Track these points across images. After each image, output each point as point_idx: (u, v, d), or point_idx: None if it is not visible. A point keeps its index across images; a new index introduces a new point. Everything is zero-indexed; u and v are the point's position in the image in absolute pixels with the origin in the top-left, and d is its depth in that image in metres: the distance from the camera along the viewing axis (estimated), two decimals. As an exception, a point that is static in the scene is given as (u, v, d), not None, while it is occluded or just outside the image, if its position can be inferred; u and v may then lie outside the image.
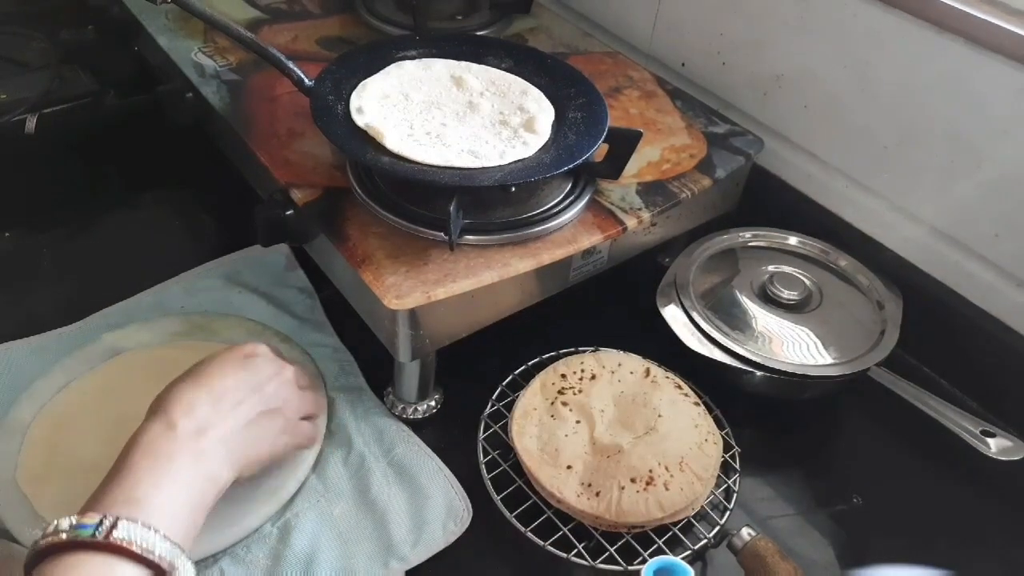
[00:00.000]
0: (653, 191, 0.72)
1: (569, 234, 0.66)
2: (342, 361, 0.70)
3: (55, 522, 0.43)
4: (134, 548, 0.42)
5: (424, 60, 0.75)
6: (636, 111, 0.82)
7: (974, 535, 0.63)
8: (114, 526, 0.42)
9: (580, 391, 0.64)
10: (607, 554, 0.57)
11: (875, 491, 0.64)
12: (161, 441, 0.49)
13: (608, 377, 0.65)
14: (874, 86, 0.73)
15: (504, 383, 0.67)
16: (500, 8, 0.96)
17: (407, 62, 0.74)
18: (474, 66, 0.75)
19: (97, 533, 0.42)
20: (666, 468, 0.59)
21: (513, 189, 0.62)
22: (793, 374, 0.66)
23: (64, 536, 0.42)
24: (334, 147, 0.68)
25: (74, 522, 0.43)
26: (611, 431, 0.61)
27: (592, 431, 0.61)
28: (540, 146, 0.67)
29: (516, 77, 0.74)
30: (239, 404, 0.53)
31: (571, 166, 0.63)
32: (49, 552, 0.42)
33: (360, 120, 0.66)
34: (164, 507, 0.46)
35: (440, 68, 0.74)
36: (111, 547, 0.42)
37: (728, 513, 0.60)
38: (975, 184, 0.69)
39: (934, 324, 0.72)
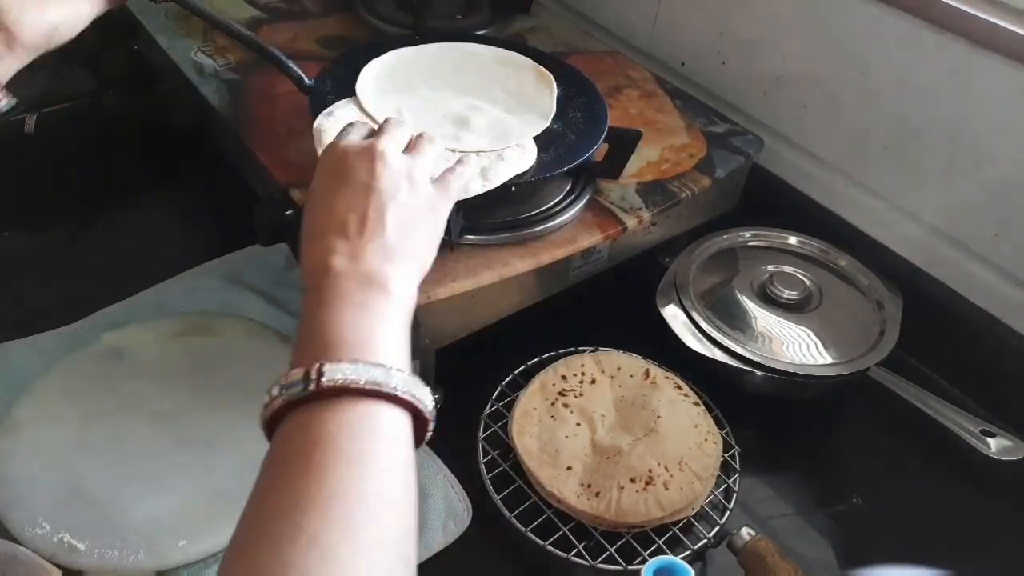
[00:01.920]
0: (653, 191, 0.72)
1: (569, 234, 0.66)
2: (342, 361, 0.70)
3: (267, 393, 0.39)
4: (362, 384, 0.38)
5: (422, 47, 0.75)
6: (636, 111, 0.82)
7: (974, 535, 0.63)
8: (320, 373, 0.38)
9: (581, 394, 0.64)
10: (607, 554, 0.57)
11: (875, 491, 0.64)
12: (325, 292, 0.43)
13: (608, 382, 0.65)
14: (874, 85, 0.73)
15: (504, 383, 0.67)
16: (500, 7, 0.96)
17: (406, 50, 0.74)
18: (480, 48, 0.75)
19: (308, 386, 0.38)
20: (666, 468, 0.59)
21: (513, 189, 0.62)
22: (793, 374, 0.66)
23: (277, 402, 0.38)
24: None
25: (282, 384, 0.39)
26: (611, 434, 0.61)
27: (593, 434, 0.61)
28: (541, 130, 0.66)
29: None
30: (365, 217, 0.46)
31: (571, 166, 0.63)
32: (273, 422, 0.39)
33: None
34: (366, 341, 0.41)
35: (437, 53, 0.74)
36: (328, 392, 0.38)
37: (728, 513, 0.60)
38: (975, 184, 0.69)
39: (934, 324, 0.72)
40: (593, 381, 0.65)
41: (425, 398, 0.41)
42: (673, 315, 0.70)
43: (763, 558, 0.54)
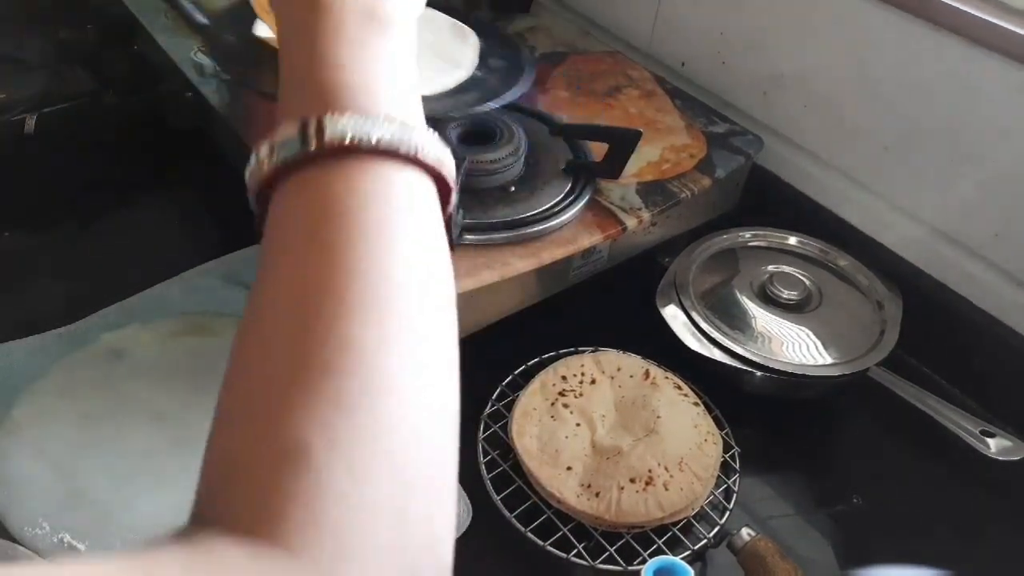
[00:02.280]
0: (653, 191, 0.72)
1: (569, 234, 0.66)
2: (342, 361, 0.70)
3: (253, 155, 0.32)
4: (375, 143, 0.30)
5: None
6: (636, 110, 0.82)
7: (974, 535, 0.63)
8: (321, 129, 0.30)
9: (581, 395, 0.64)
10: (607, 554, 0.57)
11: (875, 491, 0.64)
12: (314, 26, 0.34)
13: (608, 382, 0.65)
14: (874, 85, 0.73)
15: (504, 383, 0.67)
16: (500, 7, 0.96)
17: None
18: None
19: (307, 145, 0.30)
20: (666, 468, 0.59)
21: (513, 189, 0.62)
22: (793, 374, 0.66)
23: (267, 165, 0.31)
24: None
25: (273, 143, 0.31)
26: (611, 435, 0.61)
27: (593, 435, 0.61)
28: (465, 78, 0.65)
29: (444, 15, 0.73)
30: None
31: (497, 101, 0.63)
32: (263, 194, 0.31)
33: None
34: (371, 87, 0.32)
35: None
36: (332, 152, 0.30)
37: (728, 513, 0.60)
38: (975, 183, 0.69)
39: (934, 324, 0.72)
40: (593, 381, 0.65)
41: (447, 159, 0.33)
42: (673, 315, 0.70)
43: (763, 558, 0.54)
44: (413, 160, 0.31)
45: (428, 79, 0.62)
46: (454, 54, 0.67)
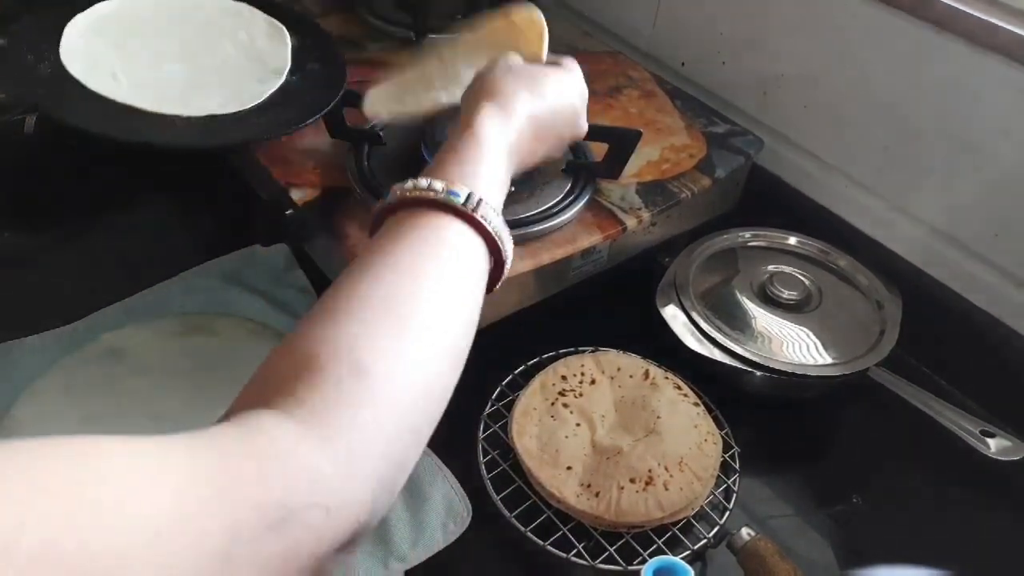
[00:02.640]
0: (653, 191, 0.72)
1: (569, 234, 0.66)
2: (342, 361, 0.70)
3: (422, 181, 0.45)
4: (489, 228, 0.45)
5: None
6: (636, 111, 0.82)
7: (974, 535, 0.63)
8: (479, 203, 0.44)
9: (581, 395, 0.64)
10: (607, 554, 0.57)
11: (875, 491, 0.64)
12: (479, 129, 0.50)
13: (608, 383, 0.65)
14: (874, 86, 0.73)
15: (504, 383, 0.67)
16: (500, 7, 0.96)
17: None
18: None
19: (468, 203, 0.44)
20: (666, 468, 0.59)
21: (512, 189, 0.62)
22: (792, 374, 0.66)
23: (434, 195, 0.44)
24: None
25: (445, 186, 0.44)
26: (611, 435, 0.61)
27: (593, 435, 0.61)
28: (277, 87, 0.64)
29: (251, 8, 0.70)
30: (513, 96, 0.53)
31: (312, 119, 0.63)
32: (411, 203, 0.45)
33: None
34: (491, 187, 0.47)
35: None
36: (473, 220, 0.44)
37: (728, 513, 0.60)
38: (975, 184, 0.69)
39: (934, 324, 0.72)
40: (593, 382, 0.65)
41: (505, 236, 0.46)
42: (673, 315, 0.70)
43: (763, 558, 0.54)
44: (477, 225, 0.45)
45: (238, 92, 0.60)
46: (267, 58, 0.65)
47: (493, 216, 0.45)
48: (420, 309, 0.40)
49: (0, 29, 0.61)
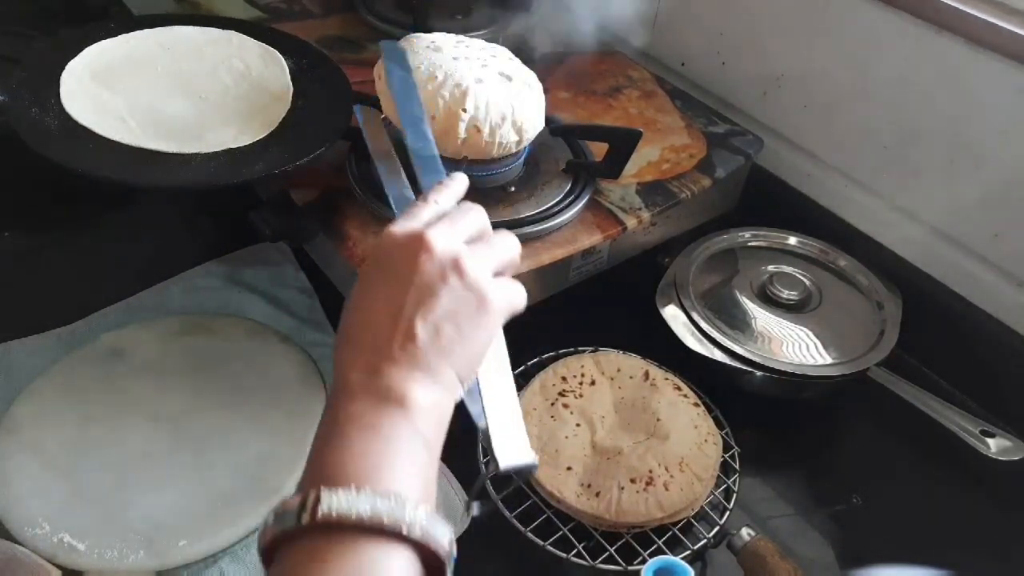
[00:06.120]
0: (653, 191, 0.72)
1: (569, 234, 0.66)
2: (342, 361, 0.70)
3: (265, 519, 0.36)
4: (361, 519, 0.33)
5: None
6: (636, 111, 0.82)
7: (974, 535, 0.63)
8: (317, 502, 0.34)
9: (580, 395, 0.64)
10: (607, 554, 0.57)
11: (874, 491, 0.64)
12: (337, 411, 0.39)
13: (608, 384, 0.65)
14: (874, 86, 0.73)
15: (504, 383, 0.67)
16: (501, 7, 0.96)
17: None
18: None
19: (302, 518, 0.34)
20: (666, 468, 0.59)
21: (512, 189, 0.62)
22: (793, 374, 0.66)
23: (270, 532, 0.35)
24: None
25: (278, 510, 0.35)
26: (611, 435, 0.61)
27: (593, 436, 0.61)
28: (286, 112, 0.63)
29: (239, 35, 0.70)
30: (396, 319, 0.41)
31: (328, 146, 0.61)
32: (270, 555, 0.35)
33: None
34: (374, 469, 0.36)
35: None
36: (324, 526, 0.34)
37: (728, 513, 0.60)
38: (975, 184, 0.69)
39: (934, 324, 0.72)
40: (593, 383, 0.65)
41: (441, 537, 0.36)
42: (673, 315, 0.70)
43: (763, 558, 0.54)
44: (400, 537, 0.34)
45: (249, 121, 0.59)
46: (267, 83, 0.64)
47: (423, 519, 0.35)
48: None
49: (-1, 85, 0.60)
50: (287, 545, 0.34)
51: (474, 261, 0.43)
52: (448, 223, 0.43)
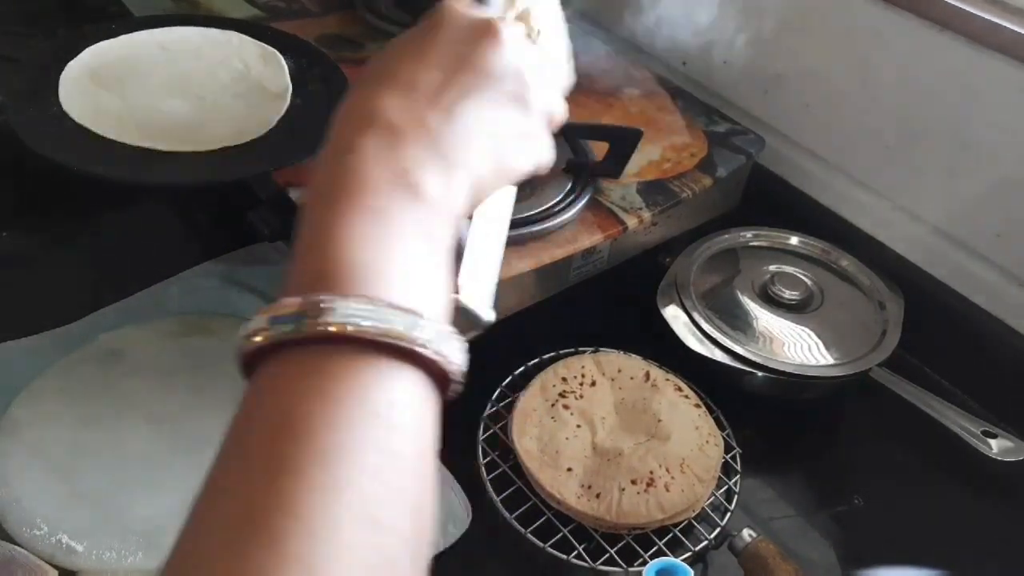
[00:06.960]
0: (654, 190, 0.72)
1: (569, 234, 0.66)
2: (341, 361, 0.70)
3: (248, 324, 0.31)
4: (374, 335, 0.28)
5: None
6: (637, 110, 0.82)
7: (975, 536, 0.62)
8: (319, 311, 0.28)
9: (581, 396, 0.64)
10: (607, 556, 0.56)
11: (876, 492, 0.64)
12: (337, 181, 0.33)
13: (608, 385, 0.65)
14: (875, 85, 0.73)
15: (504, 384, 0.67)
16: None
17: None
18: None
19: (301, 326, 0.29)
20: (667, 470, 0.58)
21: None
22: (794, 375, 0.65)
23: (260, 338, 0.30)
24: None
25: (271, 314, 0.30)
26: (612, 436, 0.61)
27: (593, 437, 0.61)
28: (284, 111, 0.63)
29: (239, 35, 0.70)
30: (445, 85, 0.36)
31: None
32: (252, 361, 0.30)
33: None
34: (382, 266, 0.31)
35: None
36: (320, 337, 0.29)
37: (729, 514, 0.60)
38: (977, 183, 0.68)
39: (936, 324, 0.72)
40: (593, 384, 0.65)
41: (453, 354, 0.31)
42: (674, 315, 0.70)
43: (764, 559, 0.54)
44: (414, 356, 0.29)
45: (247, 120, 0.59)
46: (267, 83, 0.64)
47: (437, 336, 0.30)
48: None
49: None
50: (275, 354, 0.29)
51: (542, 75, 0.39)
52: (520, 26, 0.40)
